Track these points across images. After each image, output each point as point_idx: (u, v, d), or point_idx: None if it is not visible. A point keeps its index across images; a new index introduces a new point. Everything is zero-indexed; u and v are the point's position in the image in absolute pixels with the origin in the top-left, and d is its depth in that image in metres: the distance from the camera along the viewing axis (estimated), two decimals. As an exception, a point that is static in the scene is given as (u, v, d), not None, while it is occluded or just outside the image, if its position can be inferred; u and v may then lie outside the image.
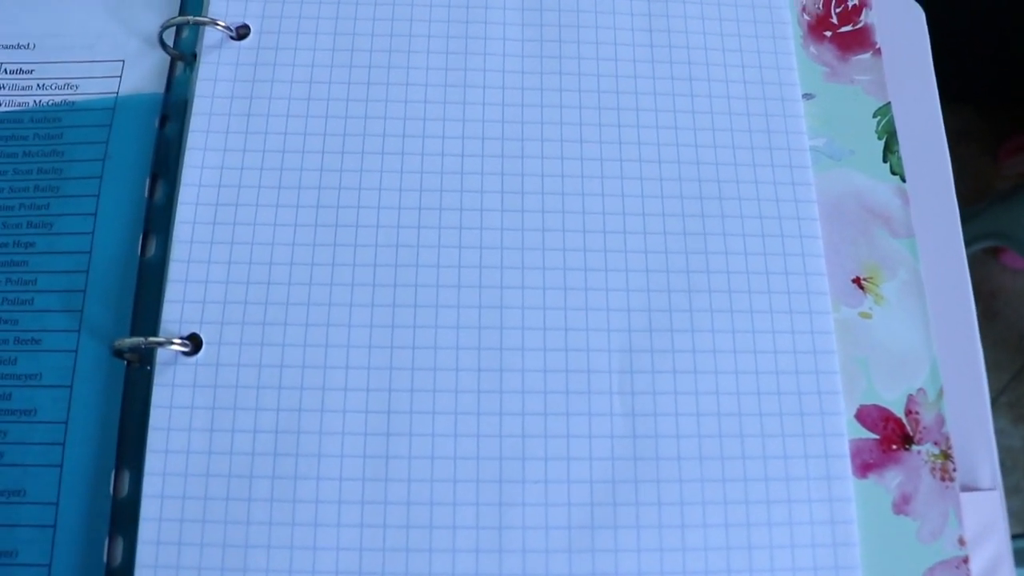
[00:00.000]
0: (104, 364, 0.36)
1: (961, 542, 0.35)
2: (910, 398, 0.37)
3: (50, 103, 0.41)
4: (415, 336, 0.36)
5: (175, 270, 0.36)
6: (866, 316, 0.38)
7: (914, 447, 0.36)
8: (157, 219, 0.39)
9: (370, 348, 0.35)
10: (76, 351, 0.36)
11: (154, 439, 0.34)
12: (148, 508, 0.34)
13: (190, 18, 0.41)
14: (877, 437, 0.36)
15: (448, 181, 0.38)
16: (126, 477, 0.35)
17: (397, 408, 0.35)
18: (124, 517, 0.34)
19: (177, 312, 0.36)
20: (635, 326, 0.36)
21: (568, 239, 0.37)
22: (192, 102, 0.39)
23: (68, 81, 0.41)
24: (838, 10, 0.44)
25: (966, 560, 0.35)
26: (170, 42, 0.42)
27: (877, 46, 0.43)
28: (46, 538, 0.34)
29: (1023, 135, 1.05)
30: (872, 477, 0.36)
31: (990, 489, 0.37)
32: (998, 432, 0.38)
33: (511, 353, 0.36)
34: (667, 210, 0.38)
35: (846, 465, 0.35)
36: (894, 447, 0.36)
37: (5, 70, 0.41)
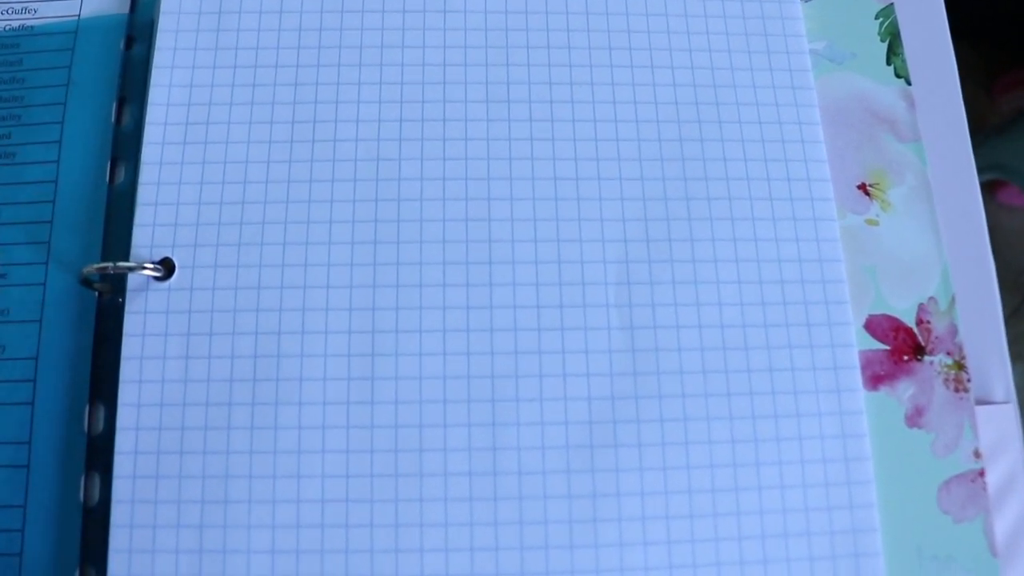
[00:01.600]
0: (74, 296, 0.35)
1: (977, 455, 0.34)
2: (921, 307, 0.35)
3: (7, 28, 0.39)
4: (399, 252, 0.34)
5: (144, 193, 0.35)
6: (873, 223, 0.36)
7: (926, 357, 0.35)
8: (125, 145, 0.37)
9: (352, 266, 0.34)
10: (44, 284, 0.35)
11: (127, 369, 0.33)
12: (123, 441, 0.32)
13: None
14: (888, 348, 0.35)
15: (430, 92, 0.36)
16: (101, 412, 0.33)
17: (382, 327, 0.33)
18: (100, 454, 0.33)
19: (148, 236, 0.34)
20: (631, 236, 0.34)
21: (558, 148, 0.35)
22: (158, 20, 0.37)
23: (26, 5, 0.39)
24: (836, -90, 0.42)
25: (982, 473, 0.33)
26: (133, -40, 0.39)
27: (878, -54, 0.41)
28: (19, 479, 0.33)
29: (1018, 71, 1.03)
30: (883, 389, 0.34)
31: (1004, 402, 0.35)
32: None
33: (501, 267, 0.34)
34: (661, 117, 0.36)
35: (856, 377, 0.34)
36: (905, 358, 0.35)
37: (-43, -4, 0.39)
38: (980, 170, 0.38)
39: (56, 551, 0.32)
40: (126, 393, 0.32)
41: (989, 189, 0.95)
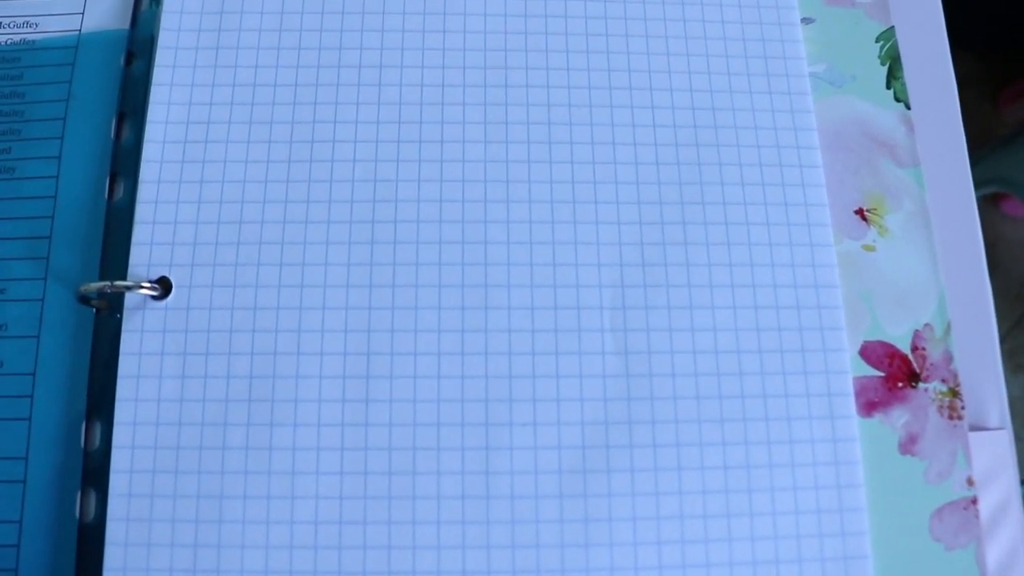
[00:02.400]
0: (72, 312, 0.35)
1: (970, 482, 0.34)
2: (916, 334, 0.35)
3: (8, 43, 0.39)
4: (395, 274, 0.34)
5: (142, 211, 0.35)
6: (870, 249, 0.36)
7: (921, 385, 0.35)
8: (125, 161, 0.37)
9: (348, 288, 0.34)
10: (43, 300, 0.35)
11: (123, 387, 0.33)
12: (119, 459, 0.32)
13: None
14: (882, 374, 0.35)
15: (428, 113, 0.36)
16: (97, 429, 0.34)
17: (377, 350, 0.33)
18: (96, 470, 0.33)
19: (145, 255, 0.34)
20: (627, 260, 0.34)
21: (555, 171, 0.35)
22: (158, 36, 0.37)
23: (27, 19, 0.39)
24: (838, -68, 0.41)
25: (975, 501, 0.33)
26: (135, -25, 0.39)
27: (879, -32, 0.41)
28: (16, 494, 0.33)
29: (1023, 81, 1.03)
30: (877, 416, 0.34)
31: (999, 428, 0.35)
32: (997, 382, 0.36)
33: (496, 290, 0.34)
34: (659, 140, 0.36)
35: (850, 404, 0.34)
36: (900, 385, 0.35)
37: (-41, 9, 0.39)
38: (984, 182, 0.38)
39: (52, 567, 0.32)
40: (122, 411, 0.33)
41: (993, 201, 0.94)
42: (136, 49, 0.39)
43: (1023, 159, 0.86)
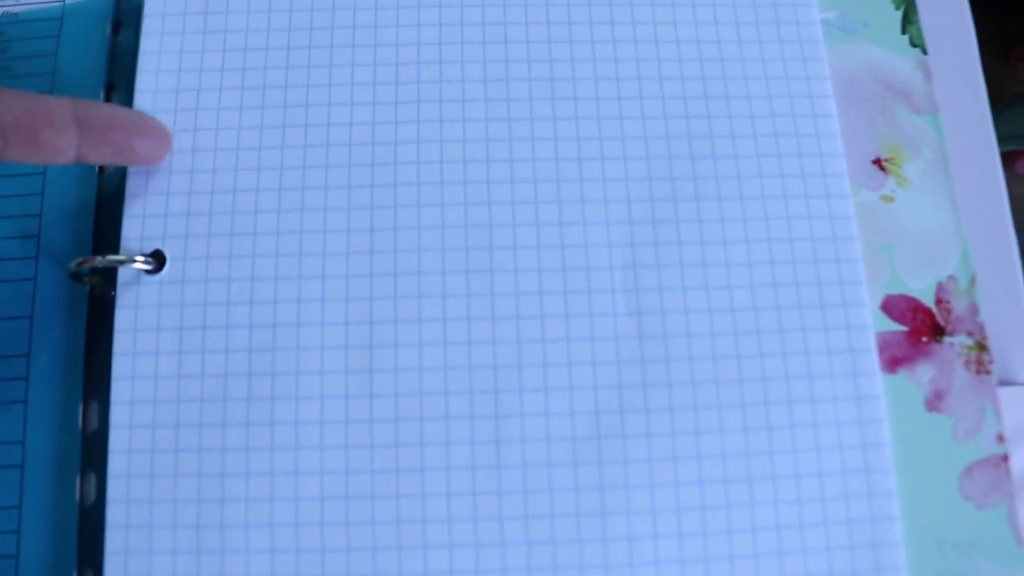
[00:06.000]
0: (65, 291, 0.34)
1: (1000, 439, 0.32)
2: (940, 286, 0.34)
3: (-9, 16, 0.37)
4: (396, 239, 0.33)
5: (133, 183, 0.34)
6: (888, 199, 0.35)
7: (946, 339, 0.33)
8: (115, 135, 0.36)
9: (348, 255, 0.33)
10: (35, 279, 0.34)
11: (119, 365, 0.32)
12: (117, 439, 0.31)
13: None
14: (906, 329, 0.33)
15: (425, 71, 0.35)
16: (95, 409, 0.33)
17: (380, 318, 0.32)
18: (95, 452, 0.32)
19: (137, 228, 0.33)
20: (637, 218, 0.33)
21: (559, 127, 0.34)
22: (145, 3, 0.36)
23: (11, -10, 0.38)
24: None
25: (1005, 458, 0.32)
26: (118, -57, 0.38)
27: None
28: (14, 479, 0.32)
29: (1036, 39, 1.01)
30: (902, 372, 0.33)
31: (1028, 383, 0.34)
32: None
33: (502, 252, 0.33)
34: (666, 93, 0.35)
35: (873, 360, 0.32)
36: (924, 339, 0.33)
37: (-62, -18, 0.38)
38: (998, 141, 0.37)
39: (53, 552, 0.31)
40: (119, 390, 0.32)
41: (1007, 160, 0.93)
42: (123, 19, 0.37)
43: (1042, 114, 0.85)
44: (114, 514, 0.31)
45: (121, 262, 0.32)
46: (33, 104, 0.30)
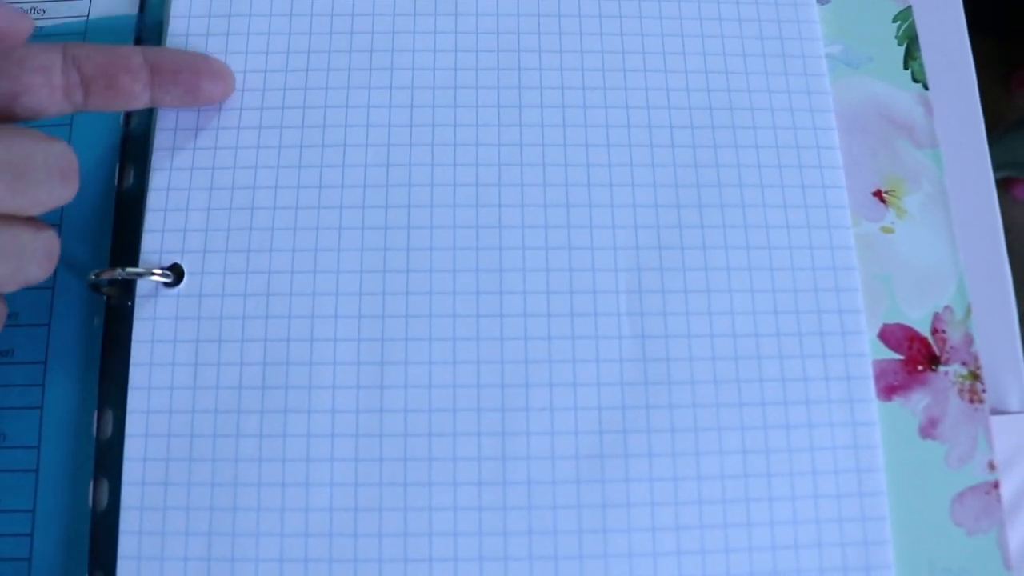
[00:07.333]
0: (83, 300, 0.34)
1: (991, 466, 0.33)
2: (936, 316, 0.35)
3: (17, 29, 0.38)
4: (409, 259, 0.34)
5: (154, 198, 0.34)
6: (888, 231, 0.36)
7: (941, 368, 0.34)
8: (134, 147, 0.36)
9: (361, 273, 0.33)
10: (53, 288, 0.35)
11: (136, 376, 0.33)
12: (132, 448, 0.32)
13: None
14: (902, 358, 0.34)
15: (440, 96, 0.36)
16: (109, 417, 0.33)
17: (391, 335, 0.33)
18: (109, 459, 0.33)
19: (157, 242, 0.34)
20: (643, 244, 0.34)
21: (570, 154, 0.35)
22: (167, 23, 0.37)
23: (34, 6, 0.39)
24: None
25: (996, 485, 0.33)
26: (143, -39, 0.39)
27: (895, -52, 0.40)
28: (28, 483, 0.33)
29: (1037, 65, 1.02)
30: (897, 400, 0.34)
31: (1019, 412, 0.35)
32: (1009, 371, 0.36)
33: (511, 274, 0.33)
34: (675, 122, 0.36)
35: (869, 387, 0.33)
36: (920, 368, 0.34)
37: (-35, -5, 0.39)
38: (996, 167, 0.38)
39: (65, 556, 0.32)
40: (135, 400, 0.32)
41: (1004, 186, 0.94)
42: (145, 35, 0.38)
43: (1040, 142, 0.86)
44: (128, 520, 0.31)
45: (140, 275, 0.33)
46: (110, 52, 0.31)
